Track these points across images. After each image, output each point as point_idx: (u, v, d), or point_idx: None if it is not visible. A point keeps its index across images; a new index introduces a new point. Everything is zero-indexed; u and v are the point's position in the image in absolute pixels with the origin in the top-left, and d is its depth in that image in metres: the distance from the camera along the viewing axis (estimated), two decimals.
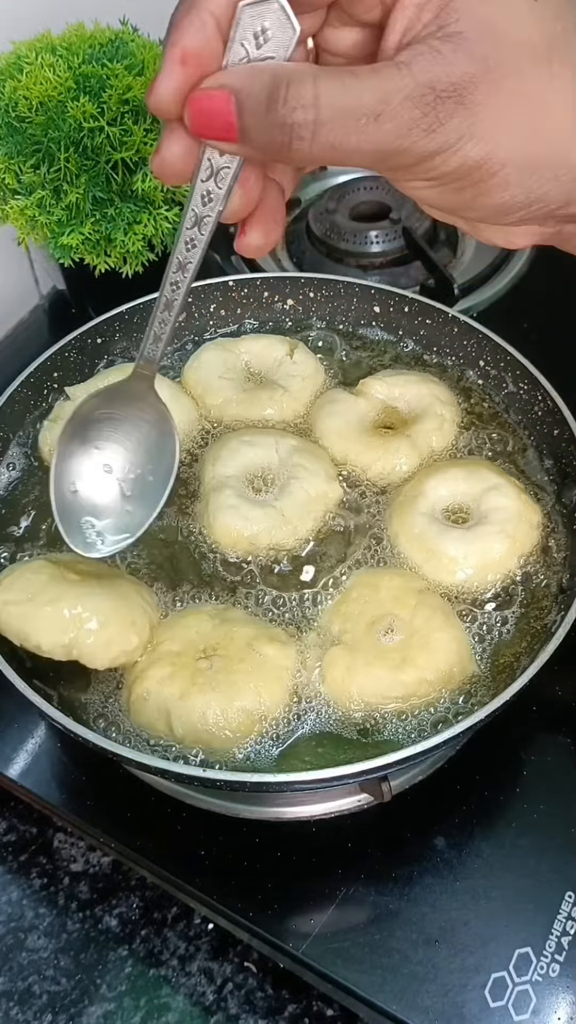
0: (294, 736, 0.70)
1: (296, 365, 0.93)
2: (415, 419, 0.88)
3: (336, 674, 0.71)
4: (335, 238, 1.19)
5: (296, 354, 0.94)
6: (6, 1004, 0.75)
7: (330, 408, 0.89)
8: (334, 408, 0.89)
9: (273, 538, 0.79)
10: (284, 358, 0.94)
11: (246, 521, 0.79)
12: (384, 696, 0.70)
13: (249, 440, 0.85)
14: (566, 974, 0.69)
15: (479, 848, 0.75)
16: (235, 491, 0.81)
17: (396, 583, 0.75)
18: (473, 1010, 0.68)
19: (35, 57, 0.92)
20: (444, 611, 0.74)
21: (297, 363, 0.94)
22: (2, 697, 0.72)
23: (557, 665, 0.67)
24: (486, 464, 0.84)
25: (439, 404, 0.88)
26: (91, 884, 0.81)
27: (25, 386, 0.89)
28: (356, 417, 0.88)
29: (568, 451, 0.82)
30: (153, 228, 0.95)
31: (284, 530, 0.79)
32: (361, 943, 0.71)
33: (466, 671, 0.72)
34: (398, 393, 0.90)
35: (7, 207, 0.94)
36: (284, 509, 0.80)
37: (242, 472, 0.83)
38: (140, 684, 0.71)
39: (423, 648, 0.71)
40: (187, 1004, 0.74)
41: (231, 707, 0.69)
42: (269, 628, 0.75)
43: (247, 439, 0.85)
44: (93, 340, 0.94)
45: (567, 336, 1.11)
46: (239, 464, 0.83)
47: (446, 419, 0.88)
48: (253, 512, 0.79)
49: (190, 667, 0.71)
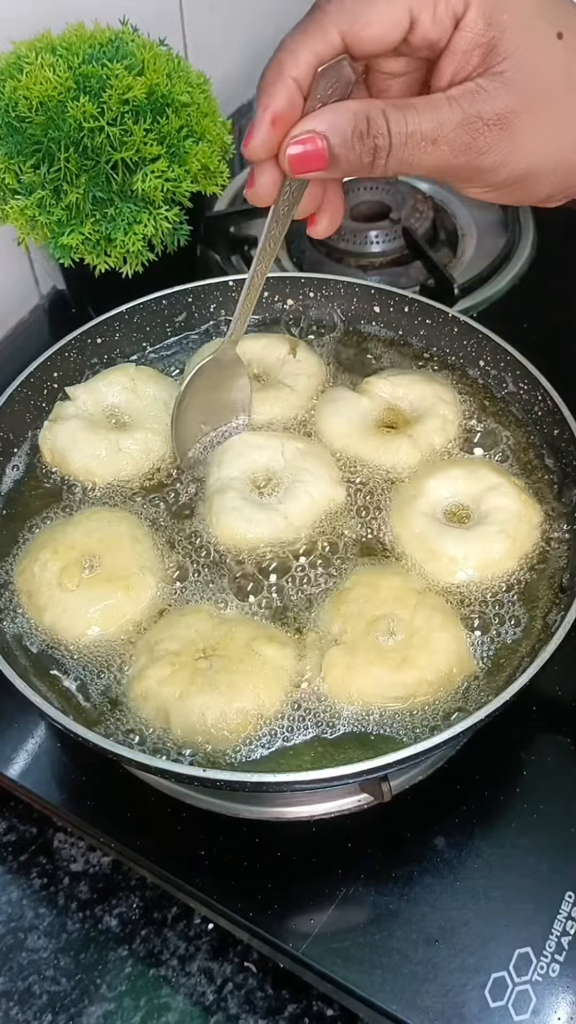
0: (294, 736, 0.70)
1: (299, 363, 0.94)
2: (417, 419, 0.88)
3: (336, 674, 0.71)
4: (335, 238, 1.19)
5: (299, 352, 0.94)
6: (6, 1004, 0.75)
7: (333, 407, 0.89)
8: (337, 407, 0.89)
9: (275, 540, 0.79)
10: (286, 357, 0.94)
11: (249, 524, 0.79)
12: (384, 696, 0.70)
13: (255, 443, 0.85)
14: (566, 974, 0.69)
15: (479, 848, 0.75)
16: (239, 493, 0.81)
17: (396, 583, 0.75)
18: (473, 1010, 0.68)
19: (35, 57, 0.92)
20: (444, 611, 0.74)
21: (300, 361, 0.94)
22: (2, 697, 0.72)
23: (557, 665, 0.67)
24: (486, 464, 0.84)
25: (442, 404, 0.88)
26: (91, 884, 0.81)
27: (25, 386, 0.89)
28: (359, 415, 0.88)
29: (568, 451, 0.82)
30: (153, 228, 0.95)
31: (286, 533, 0.80)
32: (361, 943, 0.71)
33: (466, 671, 0.72)
34: (401, 392, 0.90)
35: (7, 207, 0.94)
36: (287, 512, 0.80)
37: (246, 474, 0.83)
38: (139, 684, 0.71)
39: (423, 648, 0.71)
40: (187, 1004, 0.74)
41: (230, 708, 0.69)
42: (268, 628, 0.75)
43: (253, 442, 0.85)
44: (93, 340, 0.94)
45: (567, 336, 1.11)
46: (243, 466, 0.83)
47: (448, 419, 0.88)
48: (256, 515, 0.80)
49: (189, 667, 0.71)
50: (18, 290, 1.23)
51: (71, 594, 0.75)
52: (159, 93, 0.94)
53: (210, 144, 0.98)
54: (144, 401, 0.90)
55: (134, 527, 0.81)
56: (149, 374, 0.92)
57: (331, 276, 0.99)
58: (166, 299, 0.97)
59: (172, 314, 0.98)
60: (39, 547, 0.79)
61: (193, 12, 1.33)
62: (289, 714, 0.71)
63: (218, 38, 1.41)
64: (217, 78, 1.06)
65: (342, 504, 0.83)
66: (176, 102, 0.95)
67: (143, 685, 0.71)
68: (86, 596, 0.75)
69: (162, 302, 0.97)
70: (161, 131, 0.94)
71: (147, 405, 0.90)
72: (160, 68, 0.94)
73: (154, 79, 0.93)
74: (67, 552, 0.77)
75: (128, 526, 0.80)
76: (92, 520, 0.81)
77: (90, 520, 0.81)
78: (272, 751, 0.69)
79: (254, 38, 1.51)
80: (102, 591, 0.76)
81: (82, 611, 0.75)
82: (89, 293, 1.11)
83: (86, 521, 0.81)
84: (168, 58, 0.98)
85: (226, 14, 1.40)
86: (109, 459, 0.85)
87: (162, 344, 0.99)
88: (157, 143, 0.93)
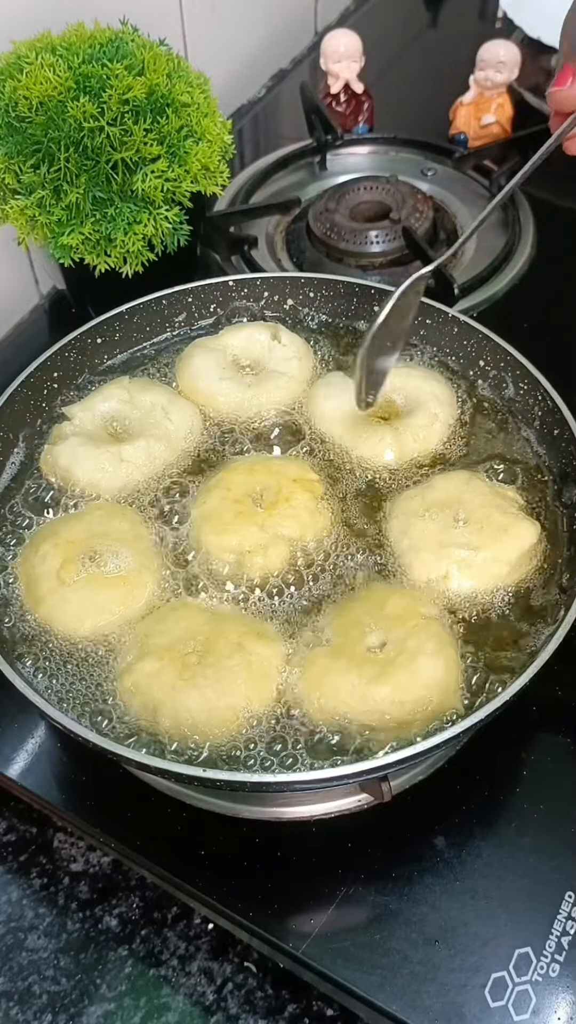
0: (287, 734, 0.70)
1: (286, 347, 0.94)
2: (408, 413, 0.88)
3: (313, 673, 0.71)
4: (335, 238, 1.19)
5: (282, 336, 0.95)
6: (6, 1004, 0.75)
7: (326, 391, 0.91)
8: (329, 391, 0.90)
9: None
10: (271, 343, 0.95)
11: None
12: (349, 706, 0.69)
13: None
14: (566, 974, 0.69)
15: (479, 848, 0.75)
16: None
17: (402, 603, 0.75)
18: (473, 1010, 0.68)
19: (35, 57, 0.92)
20: (440, 639, 0.73)
21: (286, 345, 0.95)
22: (2, 697, 0.72)
23: (557, 665, 0.67)
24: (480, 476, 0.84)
25: (435, 402, 0.88)
26: (91, 884, 0.81)
27: (25, 386, 0.89)
28: (350, 402, 0.88)
29: (568, 451, 0.82)
30: (153, 228, 0.95)
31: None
32: (361, 943, 0.71)
33: (446, 704, 0.70)
34: (398, 385, 0.90)
35: (7, 207, 0.94)
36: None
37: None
38: (128, 677, 0.71)
39: (404, 668, 0.70)
40: (187, 1004, 0.74)
41: (219, 703, 0.69)
42: (259, 624, 0.75)
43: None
44: (93, 340, 0.94)
45: (567, 336, 1.11)
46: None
47: (438, 418, 0.88)
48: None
49: (179, 662, 0.71)
50: (18, 290, 1.23)
51: (69, 588, 0.76)
52: (159, 93, 0.94)
53: (210, 144, 0.98)
54: (142, 410, 0.90)
55: (136, 524, 0.81)
56: (144, 384, 0.93)
57: (331, 276, 1.00)
58: (166, 299, 0.97)
59: (172, 314, 0.98)
60: (41, 539, 0.79)
61: (193, 12, 1.33)
62: (279, 711, 0.71)
63: (218, 38, 1.41)
64: (217, 78, 1.06)
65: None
66: (176, 102, 0.95)
67: (132, 679, 0.71)
68: (84, 591, 0.76)
69: (162, 302, 0.97)
70: (161, 131, 0.94)
71: (145, 414, 0.89)
72: (160, 68, 0.94)
73: (154, 79, 0.93)
74: (67, 546, 0.77)
75: (130, 523, 0.81)
76: (95, 515, 0.81)
77: (92, 515, 0.81)
78: (269, 750, 0.69)
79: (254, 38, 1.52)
80: (100, 587, 0.76)
81: (79, 606, 0.75)
82: (89, 293, 1.11)
83: (88, 516, 0.81)
84: (168, 58, 0.98)
85: (226, 14, 1.41)
86: (113, 470, 0.85)
87: (162, 344, 0.99)
88: (157, 143, 0.93)
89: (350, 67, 1.36)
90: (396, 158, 1.36)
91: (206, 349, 0.94)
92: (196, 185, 0.98)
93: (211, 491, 0.82)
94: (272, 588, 0.78)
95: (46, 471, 0.87)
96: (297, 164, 1.35)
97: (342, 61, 1.36)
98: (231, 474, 0.83)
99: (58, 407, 0.92)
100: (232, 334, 0.96)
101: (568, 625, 0.69)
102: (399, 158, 1.36)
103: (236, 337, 0.95)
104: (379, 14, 1.71)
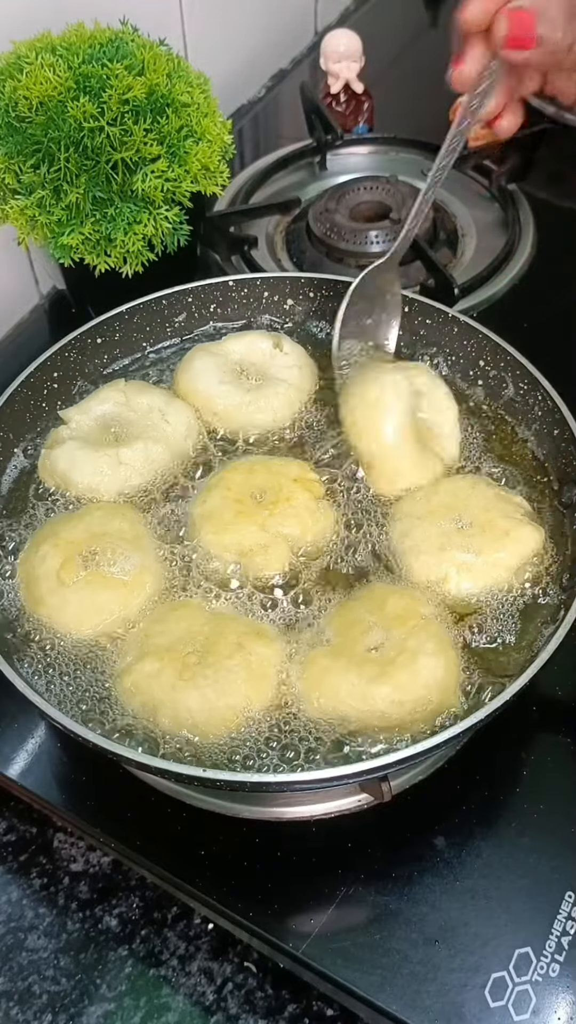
0: (287, 733, 0.70)
1: (288, 356, 0.94)
2: (433, 435, 0.88)
3: (313, 672, 0.71)
4: (335, 238, 1.19)
5: (284, 345, 0.95)
6: (6, 1004, 0.75)
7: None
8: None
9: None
10: (272, 351, 0.95)
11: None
12: (349, 705, 0.70)
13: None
14: (566, 974, 0.69)
15: (479, 848, 0.75)
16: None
17: (403, 603, 0.75)
18: (473, 1010, 0.68)
19: (35, 57, 0.92)
20: (440, 639, 0.73)
21: (288, 354, 0.94)
22: (2, 697, 0.72)
23: (557, 665, 0.67)
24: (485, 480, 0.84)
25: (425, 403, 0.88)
26: (91, 884, 0.81)
27: (25, 386, 0.89)
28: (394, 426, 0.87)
29: (568, 451, 0.82)
30: (153, 228, 0.95)
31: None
32: (361, 943, 0.71)
33: (445, 704, 0.70)
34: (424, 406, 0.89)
35: (7, 207, 0.94)
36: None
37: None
38: (128, 677, 0.71)
39: (404, 668, 0.70)
40: (187, 1004, 0.74)
41: (219, 703, 0.69)
42: (258, 624, 0.75)
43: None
44: (93, 340, 0.94)
45: (567, 336, 1.11)
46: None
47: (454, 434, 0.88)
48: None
49: (179, 662, 0.71)
50: (18, 290, 1.23)
51: (69, 588, 0.76)
52: (159, 93, 0.94)
53: (210, 144, 0.98)
54: (138, 413, 0.90)
55: (135, 524, 0.81)
56: (140, 386, 0.92)
57: (331, 276, 1.00)
58: (166, 299, 0.97)
59: (172, 314, 0.98)
60: (41, 539, 0.79)
61: (193, 12, 1.33)
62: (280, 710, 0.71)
63: (218, 38, 1.41)
64: (217, 78, 1.06)
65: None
66: (176, 102, 0.95)
67: (131, 679, 0.71)
68: (84, 592, 0.76)
69: (162, 302, 0.97)
70: (161, 131, 0.94)
71: (142, 416, 0.89)
72: (160, 68, 0.94)
73: (154, 79, 0.93)
74: (67, 547, 0.77)
75: (130, 523, 0.81)
76: (94, 516, 0.81)
77: (92, 515, 0.81)
78: (269, 749, 0.69)
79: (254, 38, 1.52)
80: (100, 587, 0.76)
81: (78, 606, 0.75)
82: (89, 293, 1.11)
83: (88, 516, 0.81)
84: (168, 58, 0.98)
85: (226, 14, 1.41)
86: (112, 473, 0.85)
87: (162, 344, 0.99)
88: (157, 143, 0.93)
89: (350, 67, 1.36)
90: (396, 158, 1.37)
91: (208, 353, 0.94)
92: (196, 185, 0.98)
93: (211, 491, 0.82)
94: (272, 588, 0.78)
95: (44, 476, 0.86)
96: (297, 164, 1.35)
97: (342, 61, 1.36)
98: (231, 474, 0.83)
99: (58, 408, 0.92)
100: (234, 340, 0.96)
101: (568, 625, 0.69)
102: (399, 158, 1.36)
103: (238, 343, 0.95)
104: (379, 14, 1.71)
